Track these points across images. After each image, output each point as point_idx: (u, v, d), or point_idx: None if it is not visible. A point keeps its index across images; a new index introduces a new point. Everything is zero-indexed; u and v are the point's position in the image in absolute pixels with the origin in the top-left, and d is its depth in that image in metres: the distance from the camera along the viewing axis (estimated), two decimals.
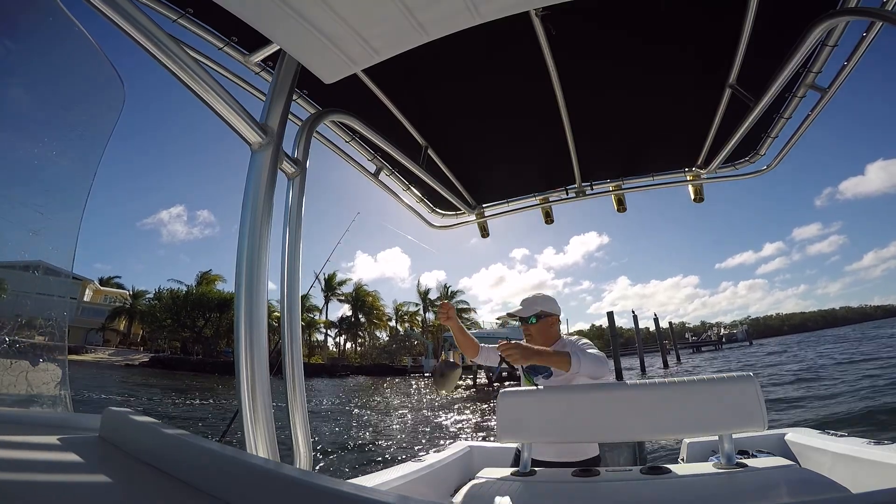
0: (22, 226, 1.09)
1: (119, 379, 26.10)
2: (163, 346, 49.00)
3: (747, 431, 1.59)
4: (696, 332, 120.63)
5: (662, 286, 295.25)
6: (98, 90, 1.32)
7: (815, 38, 1.47)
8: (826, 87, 1.78)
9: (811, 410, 9.93)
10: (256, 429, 1.17)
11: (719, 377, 1.65)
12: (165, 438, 0.78)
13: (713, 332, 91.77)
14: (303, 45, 1.24)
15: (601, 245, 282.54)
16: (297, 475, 0.64)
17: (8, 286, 1.19)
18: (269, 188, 1.29)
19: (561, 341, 2.08)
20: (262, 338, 1.21)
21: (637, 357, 35.79)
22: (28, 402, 1.09)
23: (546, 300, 2.14)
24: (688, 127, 2.35)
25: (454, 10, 1.18)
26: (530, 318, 2.06)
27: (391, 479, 2.36)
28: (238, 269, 1.23)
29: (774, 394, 12.73)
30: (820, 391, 12.62)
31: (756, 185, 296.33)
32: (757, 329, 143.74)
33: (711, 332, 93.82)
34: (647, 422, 1.66)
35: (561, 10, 1.40)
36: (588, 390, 1.85)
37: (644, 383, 1.75)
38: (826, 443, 2.31)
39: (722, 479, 1.44)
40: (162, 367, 37.78)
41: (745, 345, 68.55)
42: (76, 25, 1.12)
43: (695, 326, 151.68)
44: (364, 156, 2.35)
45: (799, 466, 1.60)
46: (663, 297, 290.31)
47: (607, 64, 1.90)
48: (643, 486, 1.47)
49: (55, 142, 1.22)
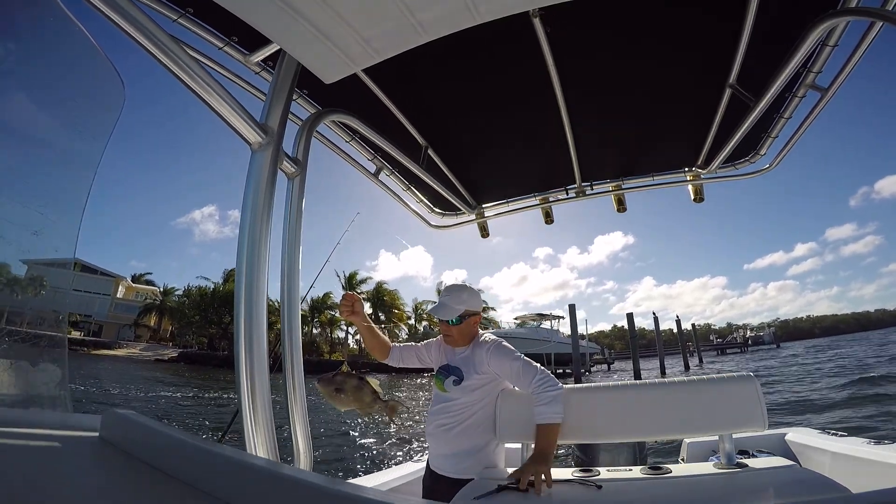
0: (22, 226, 1.09)
1: (148, 375, 26.47)
2: (190, 341, 49.62)
3: (747, 431, 1.59)
4: (721, 333, 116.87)
5: (689, 287, 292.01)
6: (98, 90, 1.32)
7: (815, 38, 1.47)
8: (826, 87, 1.78)
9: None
10: (256, 429, 1.17)
11: (719, 377, 1.65)
12: (165, 439, 0.78)
13: (738, 334, 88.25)
14: (303, 45, 1.24)
15: (626, 245, 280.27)
16: (297, 475, 0.65)
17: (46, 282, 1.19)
18: (269, 188, 1.29)
19: (475, 340, 1.89)
20: (262, 338, 1.21)
21: (658, 359, 35.33)
22: (30, 402, 1.09)
23: (471, 297, 1.90)
24: (688, 127, 2.35)
25: (454, 10, 1.18)
26: (453, 320, 1.84)
27: (391, 479, 2.36)
28: (238, 269, 1.23)
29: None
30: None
31: (787, 184, 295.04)
32: (786, 331, 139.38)
33: (737, 334, 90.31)
34: (647, 422, 1.66)
35: (560, 10, 1.40)
36: (588, 391, 1.84)
37: (644, 383, 1.74)
38: (826, 443, 2.31)
39: (722, 479, 1.44)
40: (190, 363, 38.42)
41: (772, 347, 67.26)
42: (76, 25, 1.12)
43: (720, 328, 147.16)
44: (364, 156, 2.35)
45: (799, 466, 1.60)
46: (689, 298, 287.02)
47: (607, 64, 1.90)
48: (643, 485, 1.47)
49: (55, 142, 1.22)
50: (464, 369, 1.83)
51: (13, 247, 1.10)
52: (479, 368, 1.79)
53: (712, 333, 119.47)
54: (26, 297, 1.22)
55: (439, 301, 1.91)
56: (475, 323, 1.90)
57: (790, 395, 12.46)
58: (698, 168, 2.63)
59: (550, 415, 1.64)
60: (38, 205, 1.12)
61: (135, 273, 59.10)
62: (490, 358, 1.78)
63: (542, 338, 35.18)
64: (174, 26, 1.46)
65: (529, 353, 1.89)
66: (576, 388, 1.89)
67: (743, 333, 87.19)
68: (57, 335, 1.15)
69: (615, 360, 52.77)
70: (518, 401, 1.82)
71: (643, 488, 1.46)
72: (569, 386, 1.92)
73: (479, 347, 1.84)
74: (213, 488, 0.63)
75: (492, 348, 1.80)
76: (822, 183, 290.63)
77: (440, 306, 1.87)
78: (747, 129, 1.99)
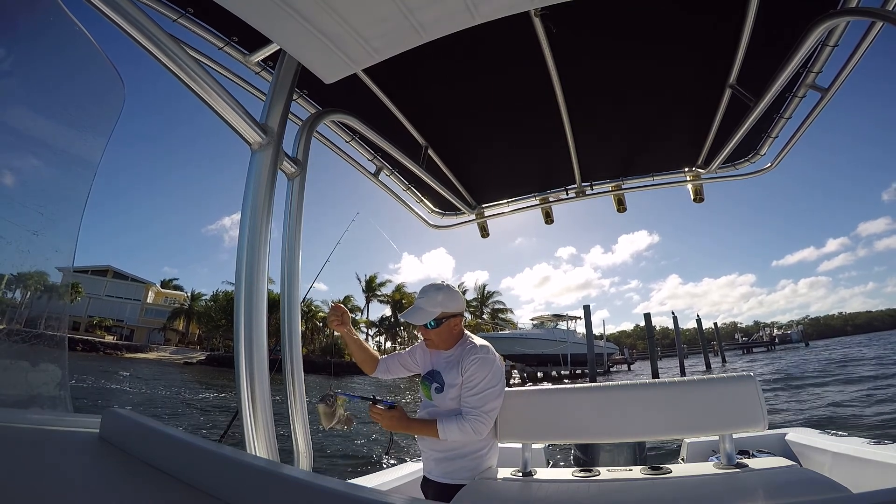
0: (22, 226, 1.09)
1: (185, 377, 27.59)
2: (217, 344, 50.89)
3: (748, 431, 1.58)
4: (747, 332, 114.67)
5: (716, 284, 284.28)
6: (98, 90, 1.32)
7: (816, 38, 1.47)
8: (826, 87, 1.77)
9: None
10: (256, 429, 1.17)
11: (719, 377, 1.65)
12: (165, 438, 0.78)
13: (765, 333, 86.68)
14: (303, 44, 1.24)
15: (651, 244, 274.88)
16: (297, 475, 0.65)
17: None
18: (269, 188, 1.29)
19: (463, 342, 1.80)
20: (262, 338, 1.20)
21: (677, 359, 34.99)
22: (31, 401, 1.09)
23: (448, 298, 1.77)
24: (688, 127, 2.35)
25: (454, 11, 1.18)
26: (429, 324, 1.75)
27: (391, 479, 2.36)
28: (238, 269, 1.23)
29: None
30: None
31: (815, 181, 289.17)
32: (817, 329, 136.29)
33: (763, 333, 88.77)
34: (648, 422, 1.66)
35: (560, 11, 1.40)
36: (588, 391, 1.84)
37: (644, 383, 1.74)
38: (827, 443, 2.31)
39: (722, 479, 1.44)
40: (217, 365, 39.33)
41: (800, 346, 65.08)
42: (76, 25, 1.12)
43: (747, 326, 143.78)
44: (364, 156, 2.35)
45: (799, 466, 1.60)
46: (716, 295, 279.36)
47: (607, 64, 1.90)
48: (643, 486, 1.48)
49: (56, 142, 1.22)
50: (446, 376, 1.76)
51: (13, 247, 1.10)
52: (464, 373, 1.71)
53: (738, 332, 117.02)
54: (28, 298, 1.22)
55: (414, 304, 1.80)
56: (456, 325, 1.79)
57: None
58: (698, 168, 2.63)
59: (446, 429, 1.64)
60: (37, 205, 1.12)
61: (164, 279, 61.09)
62: (471, 366, 1.70)
63: (558, 338, 34.88)
64: (174, 26, 1.46)
65: (546, 354, 1.83)
66: (576, 388, 1.90)
67: (770, 332, 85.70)
68: (56, 335, 1.15)
69: (636, 361, 52.56)
70: (518, 401, 1.82)
71: (643, 488, 1.46)
72: (569, 386, 1.92)
73: (467, 354, 1.74)
74: (213, 488, 0.63)
75: (478, 360, 1.71)
76: (851, 179, 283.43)
77: (414, 310, 1.77)
78: (747, 129, 1.99)
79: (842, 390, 12.99)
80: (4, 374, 1.10)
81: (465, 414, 1.66)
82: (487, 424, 1.67)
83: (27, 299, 1.24)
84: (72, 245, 1.22)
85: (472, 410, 1.66)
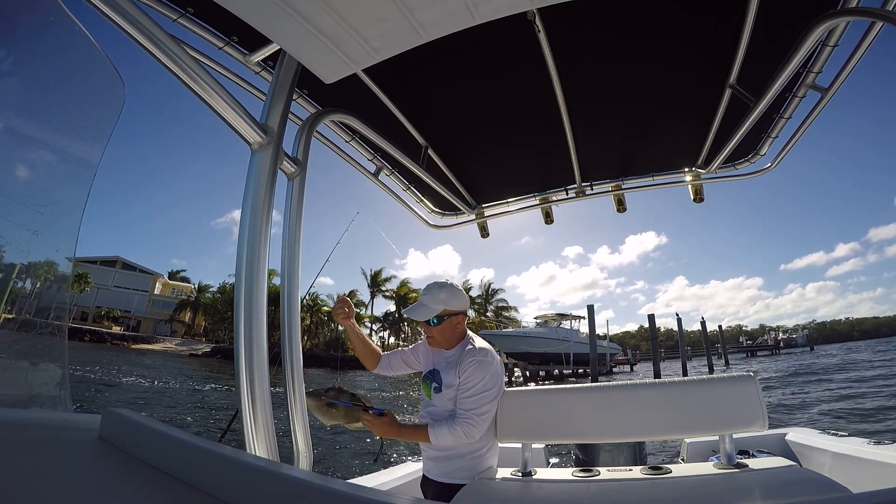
0: (22, 225, 1.09)
1: (185, 368, 27.59)
2: (223, 336, 50.75)
3: (748, 431, 1.58)
4: (752, 335, 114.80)
5: (723, 287, 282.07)
6: (98, 90, 1.32)
7: (816, 38, 1.47)
8: (826, 87, 1.77)
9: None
10: (256, 429, 1.17)
11: (719, 377, 1.65)
12: (165, 438, 0.78)
13: (770, 336, 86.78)
14: (303, 44, 1.24)
15: (658, 245, 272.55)
16: (297, 475, 0.65)
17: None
18: (269, 188, 1.29)
19: (464, 343, 1.79)
20: (262, 338, 1.20)
21: (680, 361, 34.92)
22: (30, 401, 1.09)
23: (451, 296, 1.77)
24: (687, 127, 2.35)
25: (453, 11, 1.18)
26: (431, 321, 1.75)
27: (391, 479, 2.37)
28: (238, 268, 1.23)
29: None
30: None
31: (825, 186, 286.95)
32: (823, 334, 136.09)
33: (768, 336, 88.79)
34: (647, 422, 1.66)
35: (560, 11, 1.40)
36: (588, 391, 1.84)
37: (644, 383, 1.74)
38: (827, 443, 2.31)
39: (722, 479, 1.44)
40: (222, 357, 39.31)
41: (805, 350, 64.27)
42: (76, 25, 1.12)
43: (752, 330, 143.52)
44: (364, 156, 2.35)
45: (799, 466, 1.60)
46: (723, 298, 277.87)
47: (607, 64, 1.90)
48: (643, 485, 1.48)
49: (56, 141, 1.22)
50: (444, 376, 1.75)
51: (13, 246, 1.10)
52: (461, 375, 1.71)
53: (743, 335, 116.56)
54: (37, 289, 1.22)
55: (418, 301, 1.81)
56: (458, 323, 1.79)
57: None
58: (698, 168, 2.63)
59: (437, 434, 1.65)
60: (37, 204, 1.12)
61: (171, 270, 61.36)
62: (468, 368, 1.70)
63: (562, 338, 35.11)
64: (174, 26, 1.46)
65: (549, 353, 1.82)
66: (576, 388, 1.89)
67: (775, 335, 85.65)
68: (57, 336, 1.15)
69: (638, 362, 52.47)
70: (518, 401, 1.82)
71: (643, 488, 1.46)
72: (569, 386, 1.92)
73: (466, 354, 1.73)
74: (213, 488, 0.63)
75: (475, 362, 1.70)
76: (861, 183, 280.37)
77: (417, 306, 1.77)
78: (747, 129, 1.99)
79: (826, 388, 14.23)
80: (4, 374, 1.10)
81: (458, 417, 1.66)
82: (480, 428, 1.67)
83: (30, 298, 1.24)
84: (72, 245, 1.22)
85: (464, 413, 1.66)
